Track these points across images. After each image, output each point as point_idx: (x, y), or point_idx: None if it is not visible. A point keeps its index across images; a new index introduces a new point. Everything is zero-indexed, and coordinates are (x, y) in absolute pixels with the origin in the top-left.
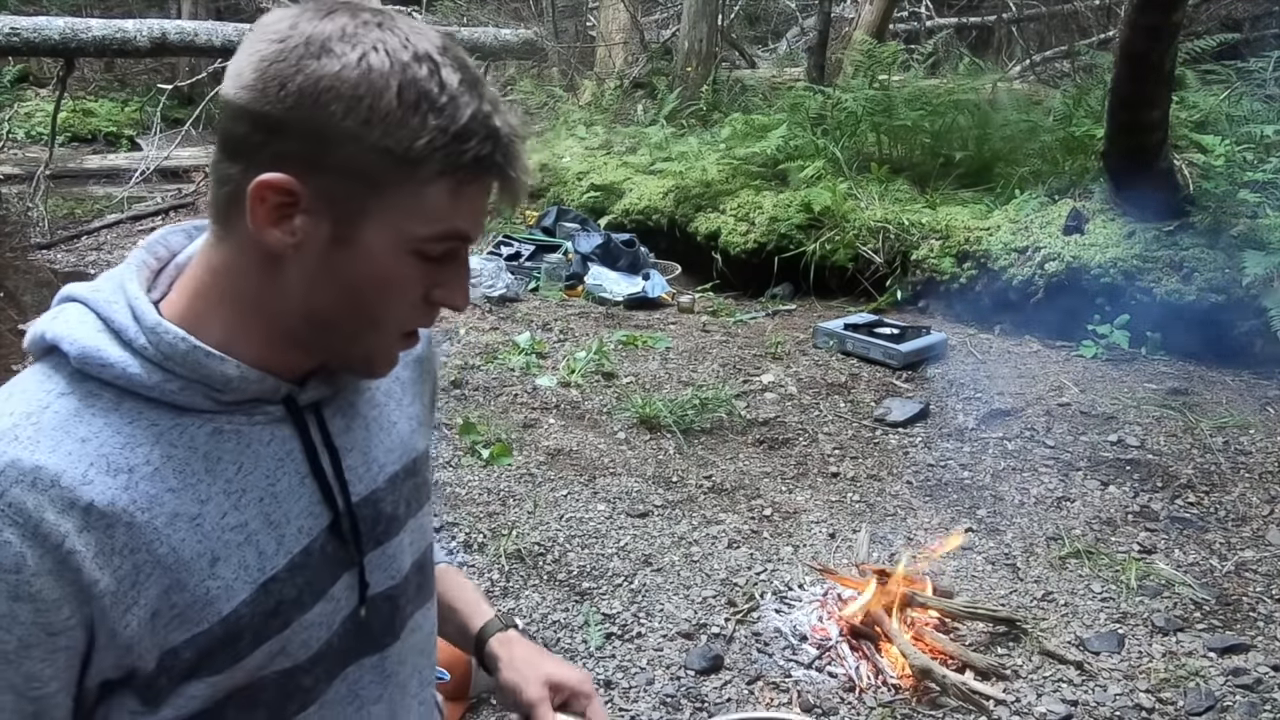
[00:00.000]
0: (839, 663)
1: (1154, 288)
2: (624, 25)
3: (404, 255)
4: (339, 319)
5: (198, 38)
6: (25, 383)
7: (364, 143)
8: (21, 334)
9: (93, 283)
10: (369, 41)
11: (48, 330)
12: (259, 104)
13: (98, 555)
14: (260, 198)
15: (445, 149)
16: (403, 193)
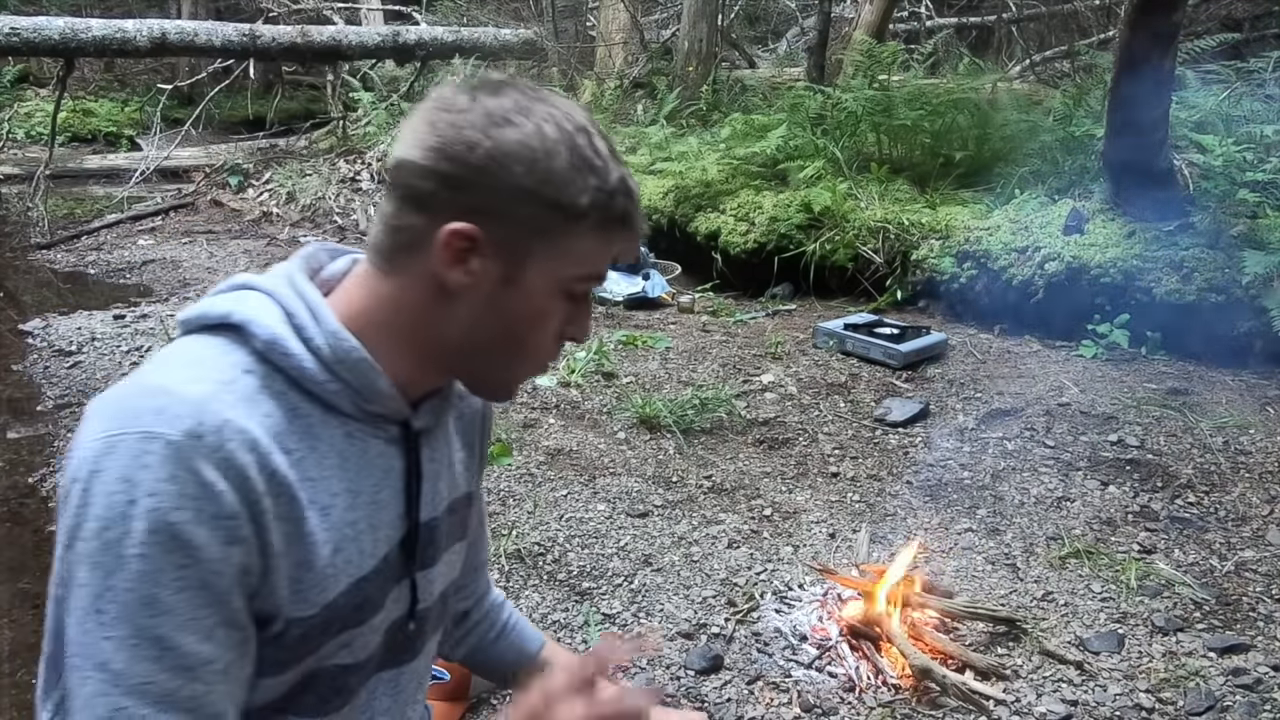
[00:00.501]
0: (839, 663)
1: (1154, 288)
2: (624, 25)
3: (557, 294)
4: (494, 349)
5: (198, 38)
6: (206, 352)
7: (538, 198)
8: (22, 334)
9: (266, 277)
10: (540, 114)
11: (235, 310)
12: (447, 164)
13: (274, 516)
14: (447, 243)
15: (601, 205)
16: (565, 240)
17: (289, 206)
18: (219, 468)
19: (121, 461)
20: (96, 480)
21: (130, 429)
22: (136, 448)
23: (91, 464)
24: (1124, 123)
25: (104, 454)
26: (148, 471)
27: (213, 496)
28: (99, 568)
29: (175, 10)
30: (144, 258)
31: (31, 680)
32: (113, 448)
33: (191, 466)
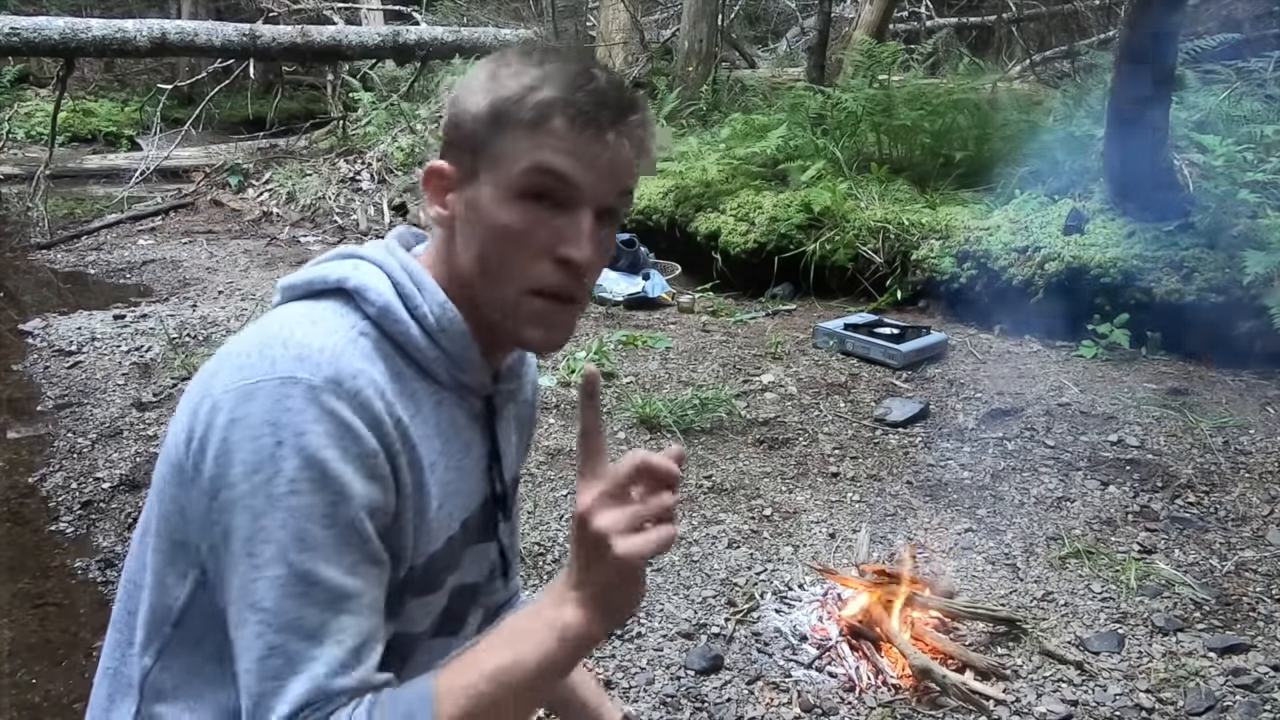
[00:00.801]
0: (839, 663)
1: (1154, 288)
2: (624, 25)
3: (511, 200)
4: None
5: (198, 38)
6: (323, 313)
7: (472, 118)
8: (22, 334)
9: (374, 250)
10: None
11: (351, 277)
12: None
13: (404, 460)
14: (427, 181)
15: (518, 99)
16: (496, 147)
17: (289, 206)
18: (356, 411)
19: (264, 405)
20: (237, 427)
21: (269, 375)
22: (279, 392)
23: (230, 412)
24: (1124, 122)
25: (243, 400)
26: (293, 414)
27: (355, 436)
28: (249, 510)
29: (175, 10)
30: (144, 258)
31: (32, 680)
32: (251, 395)
33: (333, 408)
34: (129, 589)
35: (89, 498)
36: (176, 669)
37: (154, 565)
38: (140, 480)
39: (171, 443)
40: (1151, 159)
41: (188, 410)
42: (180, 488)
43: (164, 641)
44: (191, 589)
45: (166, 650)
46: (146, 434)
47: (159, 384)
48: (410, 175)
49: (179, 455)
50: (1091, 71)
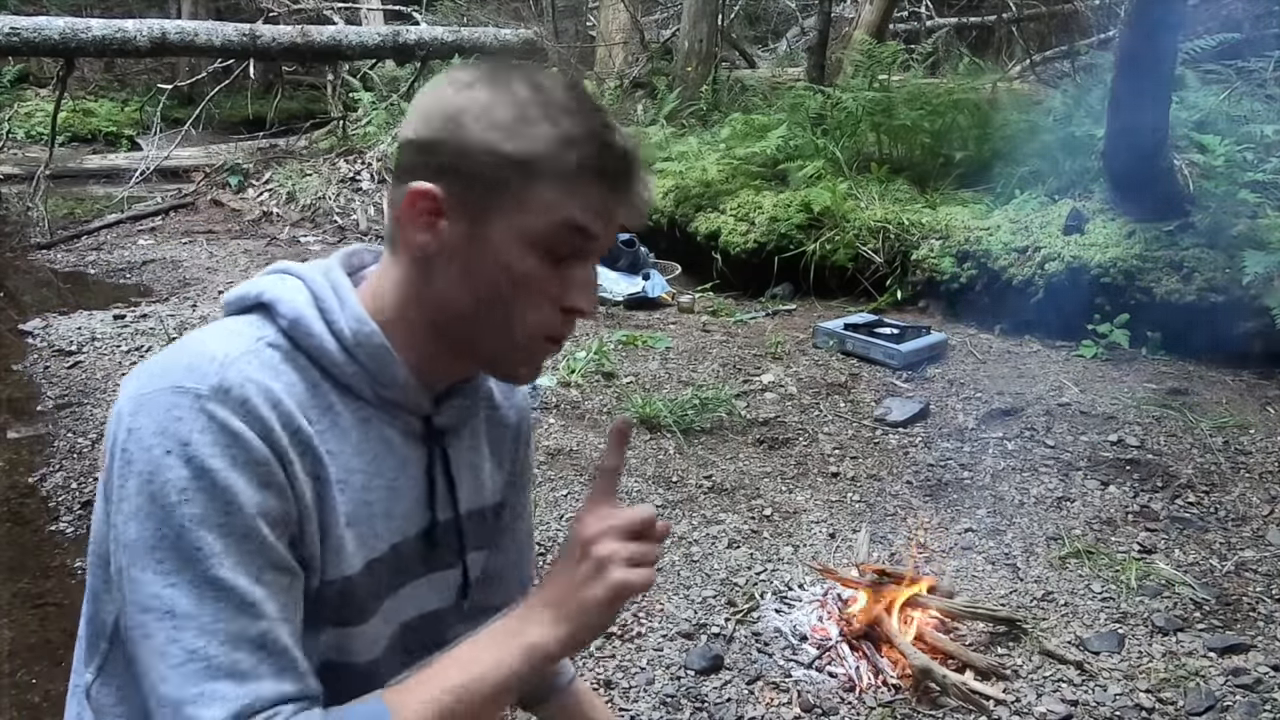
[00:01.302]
0: (839, 663)
1: (1154, 288)
2: (624, 25)
3: (528, 251)
4: (479, 315)
5: (198, 38)
6: (238, 326)
7: (491, 150)
8: (22, 334)
9: (309, 266)
10: (514, 79)
11: (267, 290)
12: (418, 131)
13: (300, 469)
14: (411, 203)
15: (555, 154)
16: (523, 192)
17: (289, 206)
18: (244, 419)
19: (155, 416)
20: (133, 437)
21: (160, 385)
22: (168, 401)
23: (128, 421)
24: (1124, 122)
25: (137, 411)
26: (181, 424)
27: (243, 444)
28: (150, 518)
29: (175, 10)
30: (144, 258)
31: (32, 680)
32: (144, 405)
33: (219, 416)
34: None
35: (89, 498)
36: (114, 685)
37: (90, 582)
38: None
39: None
40: (1151, 159)
41: (110, 418)
42: (103, 500)
43: (102, 658)
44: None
45: (105, 667)
46: None
47: None
48: None
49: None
50: (1091, 71)
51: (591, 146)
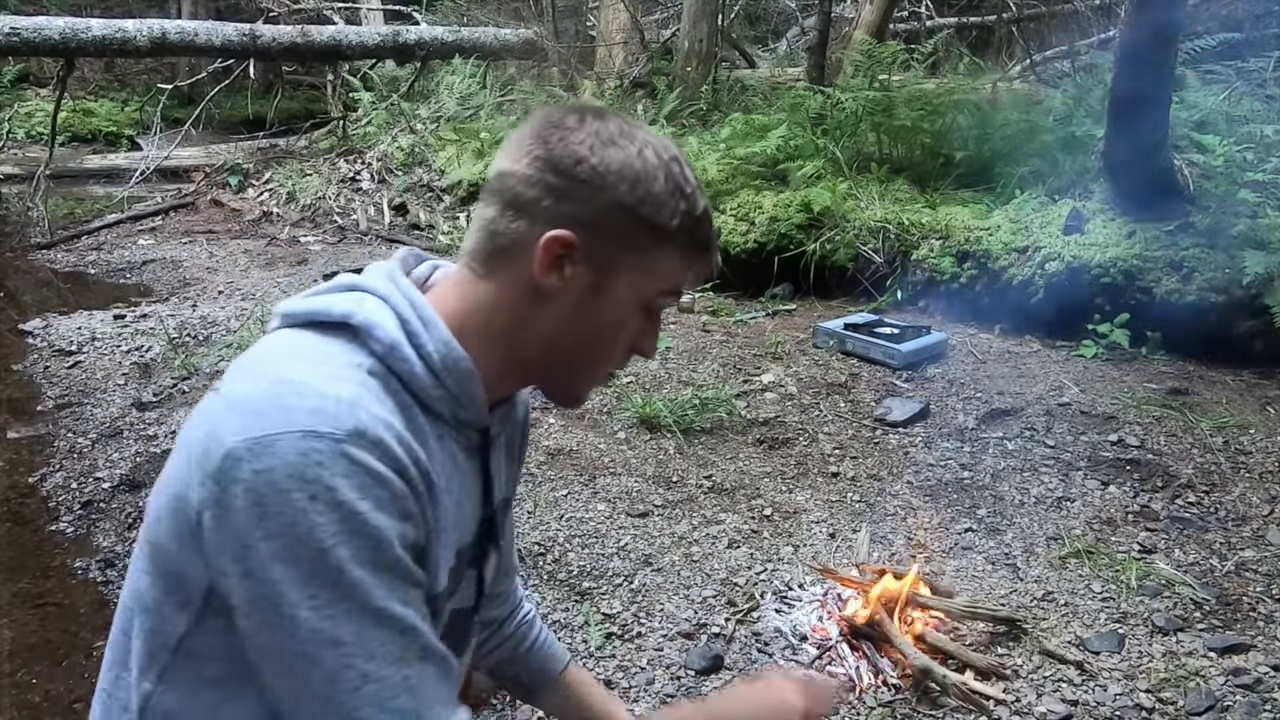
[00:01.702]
0: (839, 663)
1: (1154, 288)
2: (624, 25)
3: (638, 307)
4: (575, 354)
5: (198, 38)
6: (327, 350)
7: (634, 214)
8: (22, 334)
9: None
10: (640, 140)
11: (356, 312)
12: (554, 175)
13: (426, 498)
14: (547, 248)
15: (688, 228)
16: (652, 257)
17: (289, 206)
18: (381, 459)
19: (288, 459)
20: (261, 481)
21: (289, 428)
22: (302, 446)
23: (251, 464)
24: (1124, 123)
25: (261, 454)
26: (323, 469)
27: (385, 484)
28: (299, 561)
29: (175, 10)
30: (144, 258)
31: (32, 680)
32: (269, 448)
33: (360, 460)
34: (125, 612)
35: (89, 498)
36: (178, 693)
37: (150, 594)
38: (140, 480)
39: (174, 476)
40: (1151, 159)
41: (195, 451)
42: (182, 526)
43: (163, 667)
44: (193, 620)
45: (167, 675)
46: (146, 434)
47: (159, 384)
48: (410, 175)
49: (181, 493)
50: (1091, 71)
51: (706, 224)
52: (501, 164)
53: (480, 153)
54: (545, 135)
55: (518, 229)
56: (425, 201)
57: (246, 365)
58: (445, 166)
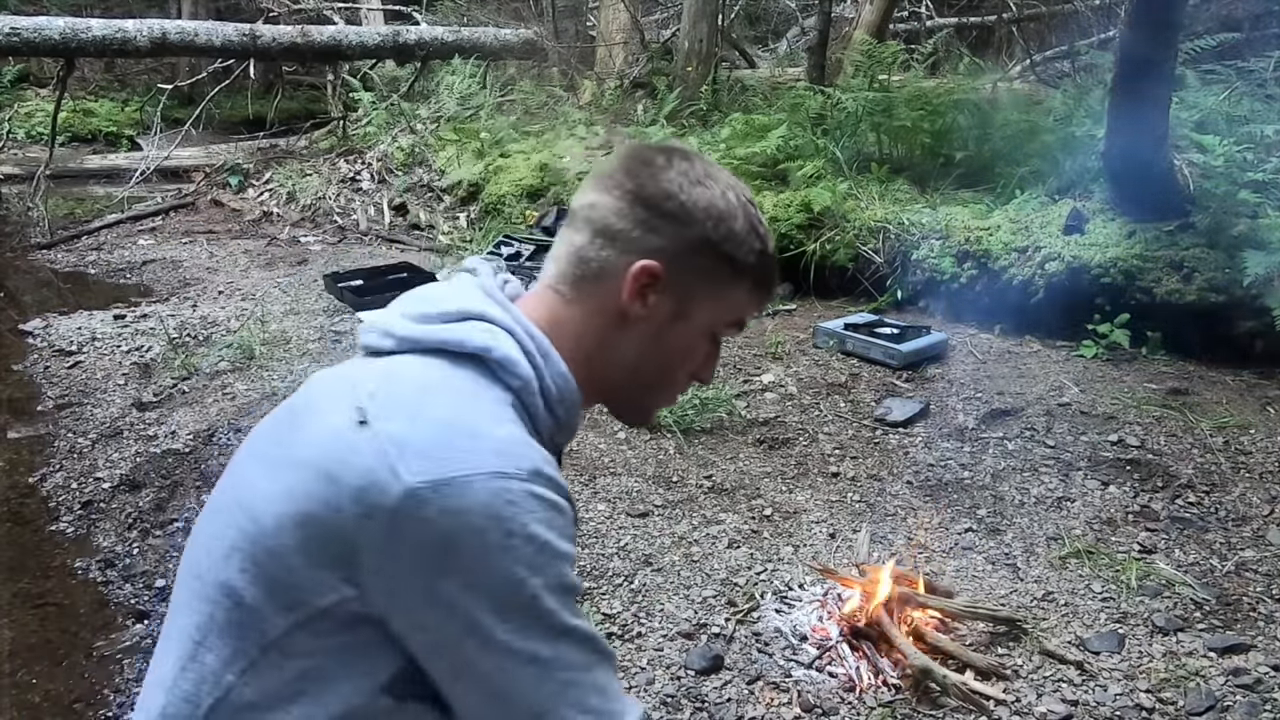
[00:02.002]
0: (839, 663)
1: (1154, 288)
2: (624, 25)
3: (707, 335)
4: (650, 377)
5: (198, 38)
6: (472, 386)
7: (716, 250)
8: (22, 334)
9: (493, 308)
10: (722, 182)
11: (494, 348)
12: (644, 209)
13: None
14: (636, 277)
15: (759, 265)
16: (726, 289)
17: (289, 206)
18: (556, 492)
19: (481, 500)
20: (454, 520)
21: (478, 470)
22: (493, 486)
23: (440, 504)
24: (1124, 123)
25: (453, 494)
26: (514, 507)
27: (562, 514)
28: (494, 591)
29: (175, 10)
30: (144, 258)
31: (32, 680)
32: (461, 489)
33: (544, 496)
34: (206, 604)
35: (89, 498)
36: (258, 687)
37: (249, 593)
38: (140, 480)
39: (301, 494)
40: (1151, 159)
41: (348, 482)
42: (318, 547)
43: (250, 662)
44: (295, 625)
45: (252, 670)
46: (146, 434)
47: (159, 384)
48: (410, 175)
49: (316, 514)
50: (1091, 71)
51: (774, 262)
52: (590, 196)
53: (480, 153)
54: (636, 171)
55: (607, 257)
56: (425, 201)
57: (390, 398)
58: (445, 167)
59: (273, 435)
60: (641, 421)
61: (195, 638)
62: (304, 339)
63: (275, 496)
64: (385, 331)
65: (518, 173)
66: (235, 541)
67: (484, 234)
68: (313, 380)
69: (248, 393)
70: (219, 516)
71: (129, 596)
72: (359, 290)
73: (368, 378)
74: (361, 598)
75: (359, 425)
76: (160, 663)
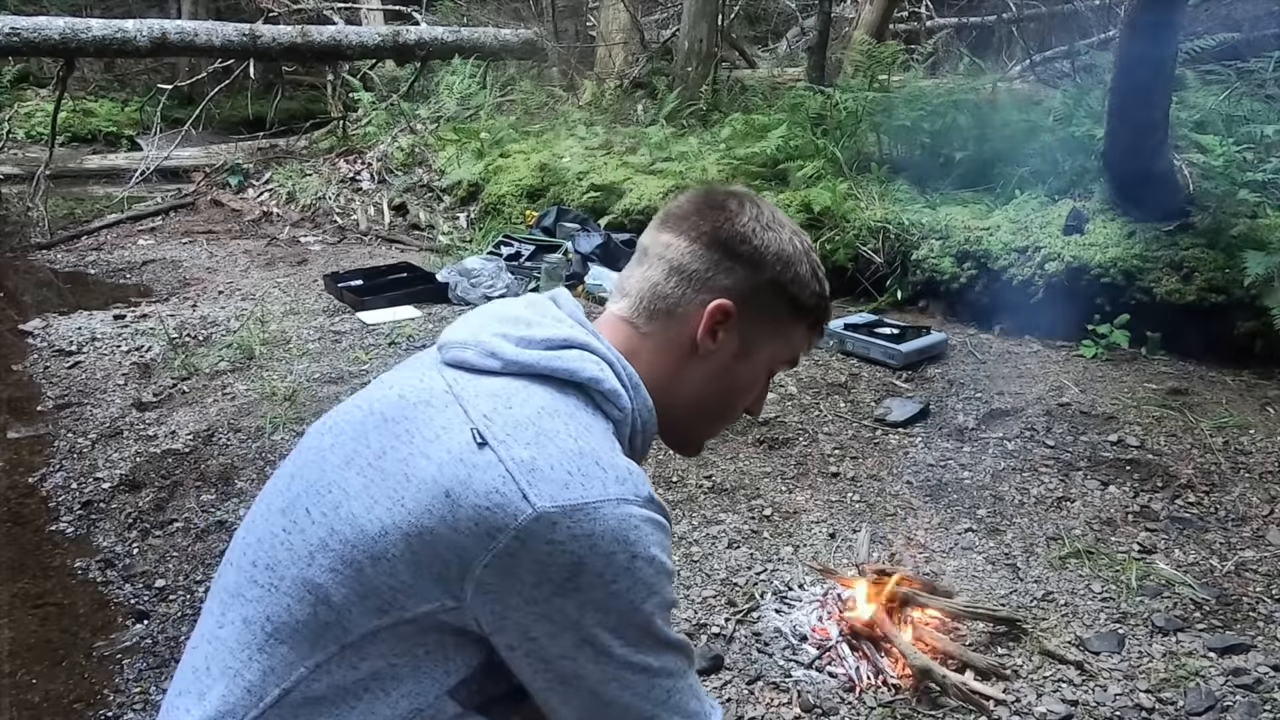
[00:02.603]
0: (839, 663)
1: (1154, 288)
2: (624, 25)
3: (765, 370)
4: (711, 409)
5: (198, 38)
6: (586, 419)
7: (783, 292)
8: (22, 334)
9: (591, 338)
10: (788, 228)
11: (603, 380)
12: (720, 251)
13: None
14: (711, 314)
15: (818, 308)
16: (787, 329)
17: (289, 206)
18: (663, 514)
19: (609, 526)
20: (583, 543)
21: (605, 497)
22: (620, 512)
23: (571, 529)
24: (1124, 123)
25: (584, 519)
26: (638, 531)
27: (668, 533)
28: (610, 611)
29: (175, 10)
30: (144, 258)
31: (32, 680)
32: (592, 514)
33: (657, 520)
34: (283, 598)
35: (89, 498)
36: (329, 681)
37: (339, 593)
38: (141, 480)
39: (414, 508)
40: (1151, 159)
41: (468, 500)
42: (428, 560)
43: (328, 657)
44: (376, 627)
45: (327, 664)
46: (146, 434)
47: (159, 384)
48: (410, 175)
49: (432, 529)
50: (1091, 71)
51: (829, 305)
52: (665, 236)
53: (480, 153)
54: (711, 215)
55: (682, 294)
56: (425, 201)
57: (509, 423)
58: (445, 166)
59: (365, 441)
60: (693, 451)
61: (267, 629)
62: (304, 339)
63: (382, 505)
64: (490, 352)
65: (518, 173)
66: (325, 541)
67: (484, 234)
68: (393, 382)
69: (248, 393)
70: (297, 510)
71: (129, 596)
72: (359, 290)
73: (477, 398)
74: (460, 609)
75: (479, 447)
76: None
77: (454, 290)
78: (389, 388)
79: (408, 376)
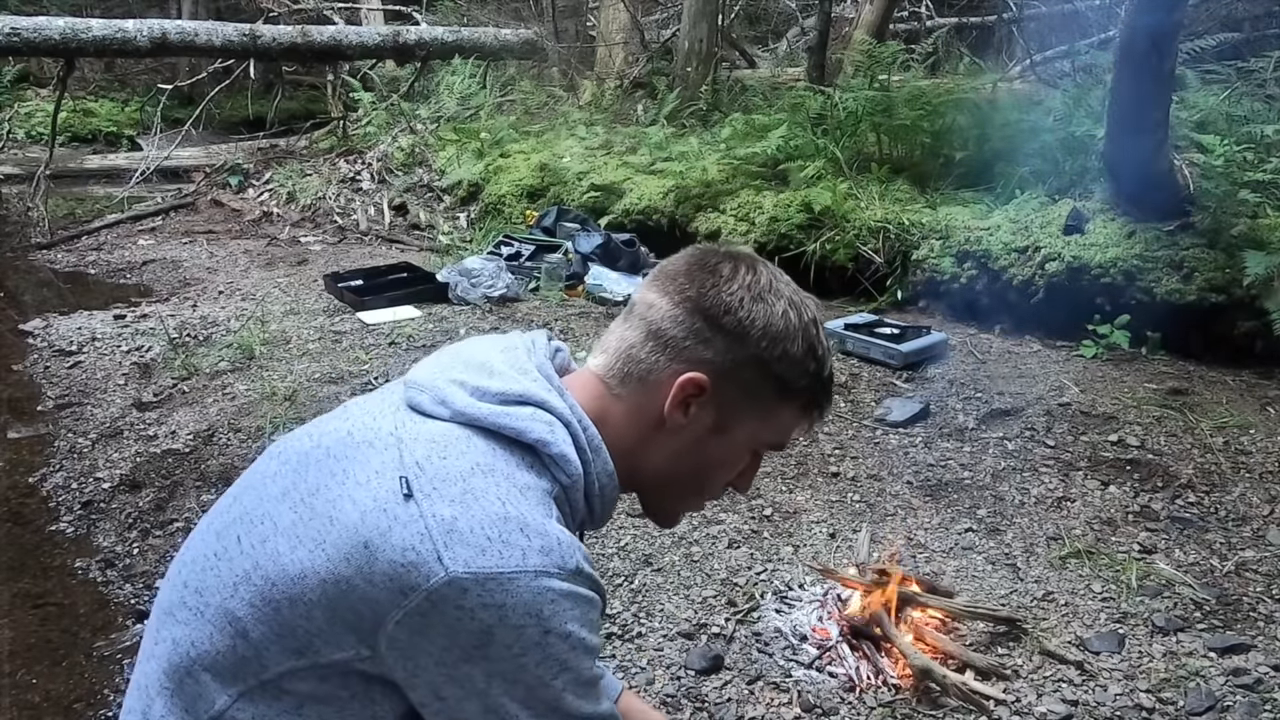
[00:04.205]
0: (839, 663)
1: (1154, 288)
2: (624, 25)
3: (747, 450)
4: (682, 483)
5: (198, 38)
6: (525, 480)
7: (767, 370)
8: (22, 334)
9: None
10: (786, 297)
11: (551, 443)
12: (701, 319)
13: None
14: (682, 387)
15: (812, 390)
16: (773, 410)
17: (289, 206)
18: (592, 588)
19: (522, 599)
20: (494, 613)
21: (522, 568)
22: (537, 585)
23: (483, 597)
24: (1124, 123)
25: (497, 590)
26: (554, 606)
27: (595, 607)
28: (518, 684)
29: (175, 10)
30: (144, 258)
31: (32, 680)
32: (505, 585)
33: (581, 594)
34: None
35: (89, 498)
36: (252, 712)
37: (257, 631)
38: (140, 480)
39: (334, 554)
40: (1151, 159)
41: (384, 554)
42: (343, 610)
43: (248, 689)
44: (292, 668)
45: (248, 695)
46: (146, 434)
47: (159, 384)
48: (410, 175)
49: (347, 578)
50: (1091, 71)
51: (830, 385)
52: (651, 295)
53: (480, 153)
54: (700, 279)
55: (656, 361)
56: (425, 201)
57: (439, 475)
58: (445, 167)
59: (303, 475)
60: (666, 524)
61: (192, 654)
62: (304, 339)
63: (305, 547)
64: (440, 399)
65: (518, 173)
66: (249, 574)
67: (484, 234)
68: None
69: (248, 393)
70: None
71: (129, 596)
72: (359, 290)
73: (416, 442)
74: (375, 660)
75: (405, 498)
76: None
77: (454, 290)
78: (344, 420)
79: (367, 410)
